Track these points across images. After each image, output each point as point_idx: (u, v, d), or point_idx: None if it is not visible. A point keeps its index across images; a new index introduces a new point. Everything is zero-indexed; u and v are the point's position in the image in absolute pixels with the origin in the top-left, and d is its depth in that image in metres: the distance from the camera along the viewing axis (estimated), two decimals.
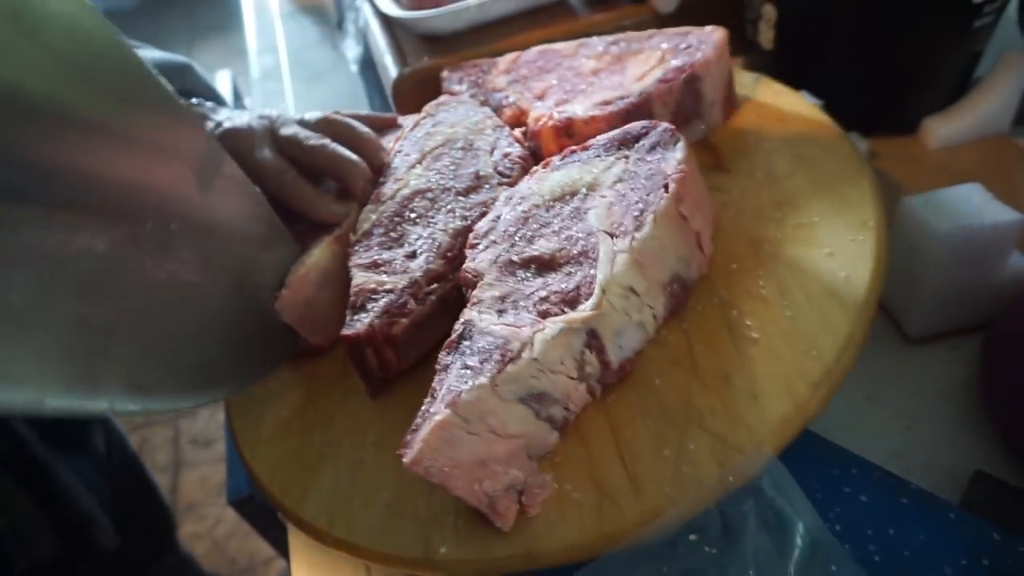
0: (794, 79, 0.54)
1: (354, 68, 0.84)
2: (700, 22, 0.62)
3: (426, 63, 0.65)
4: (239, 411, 0.47)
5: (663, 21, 0.63)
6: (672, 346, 0.39)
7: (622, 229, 0.38)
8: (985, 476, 0.38)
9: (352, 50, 0.82)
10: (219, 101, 0.57)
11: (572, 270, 0.38)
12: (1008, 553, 0.34)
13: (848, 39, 0.54)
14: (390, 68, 0.66)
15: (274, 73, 0.93)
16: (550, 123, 0.50)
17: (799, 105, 0.49)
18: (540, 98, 0.53)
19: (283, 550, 0.53)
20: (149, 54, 0.56)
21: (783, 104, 0.50)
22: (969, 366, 0.43)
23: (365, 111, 0.58)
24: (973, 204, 0.40)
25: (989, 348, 0.41)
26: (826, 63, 0.56)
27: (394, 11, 0.68)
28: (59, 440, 0.62)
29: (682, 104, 0.49)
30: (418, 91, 0.64)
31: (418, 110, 0.60)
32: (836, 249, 0.40)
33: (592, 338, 0.36)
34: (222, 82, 1.03)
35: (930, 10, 0.50)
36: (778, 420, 0.34)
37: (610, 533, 0.33)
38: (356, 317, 0.42)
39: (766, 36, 0.57)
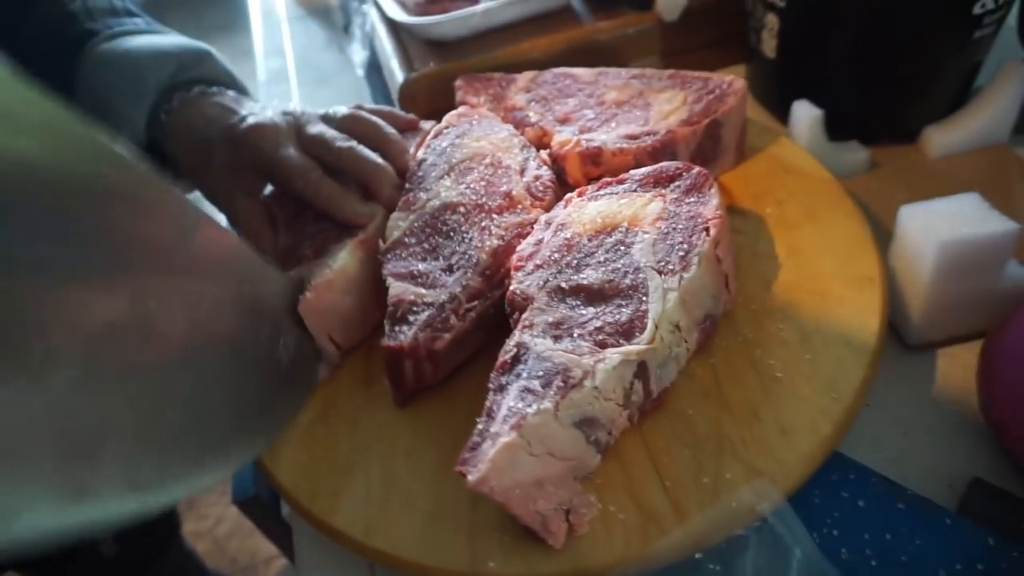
0: (795, 87, 0.58)
1: (360, 72, 0.84)
2: (703, 31, 0.66)
3: (432, 68, 0.65)
4: None
5: (666, 28, 0.65)
6: (701, 379, 0.42)
7: (669, 267, 0.41)
8: (982, 483, 0.39)
9: (359, 54, 0.82)
10: (240, 90, 0.56)
11: (623, 303, 0.40)
12: (1003, 558, 0.35)
13: (849, 49, 0.55)
14: (396, 73, 0.65)
15: (281, 76, 0.92)
16: (577, 150, 0.52)
17: (802, 158, 0.54)
18: (563, 122, 0.55)
19: (287, 550, 0.52)
20: (168, 40, 0.54)
21: (787, 155, 0.54)
22: (967, 374, 0.43)
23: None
24: (971, 214, 0.41)
25: (987, 356, 0.41)
26: (827, 72, 0.57)
27: (401, 16, 0.68)
28: None
29: (702, 146, 0.52)
30: (424, 96, 0.65)
31: (424, 115, 0.60)
32: (846, 299, 0.44)
33: (641, 369, 0.39)
34: None
35: (931, 21, 0.52)
36: (806, 454, 0.38)
37: (655, 553, 0.36)
38: (398, 329, 0.42)
39: (768, 45, 0.59)
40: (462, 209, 0.48)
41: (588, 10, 0.68)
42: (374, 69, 0.81)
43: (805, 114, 0.56)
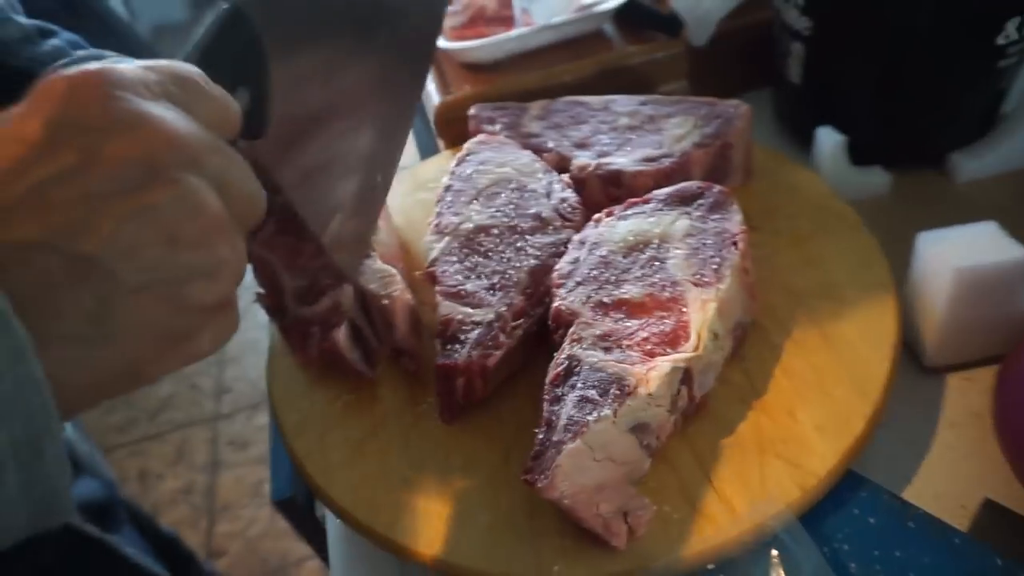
0: (820, 113, 0.60)
1: None
2: (731, 55, 0.69)
3: (468, 91, 0.68)
4: (297, 433, 0.48)
5: (694, 53, 0.68)
6: (737, 385, 0.45)
7: (705, 280, 0.44)
8: (994, 505, 0.40)
9: None
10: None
11: (664, 314, 0.43)
12: None
13: (873, 77, 0.56)
14: (433, 96, 0.68)
15: None
16: (598, 172, 0.55)
17: (803, 174, 0.57)
18: (580, 147, 0.58)
19: (321, 550, 0.54)
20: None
21: (787, 173, 0.58)
22: (983, 397, 0.44)
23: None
24: (987, 242, 0.42)
25: (1003, 381, 0.42)
26: (852, 99, 0.59)
27: (438, 41, 0.70)
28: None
29: (714, 167, 0.55)
30: (461, 119, 0.66)
31: (460, 137, 0.62)
32: (861, 303, 0.47)
33: (687, 376, 0.41)
34: None
35: (953, 51, 0.53)
36: (844, 449, 0.40)
37: (712, 548, 0.38)
38: (451, 348, 0.44)
39: (794, 71, 0.61)
40: (495, 231, 0.51)
41: (619, 35, 0.70)
42: None
43: (828, 140, 0.58)
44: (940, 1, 0.52)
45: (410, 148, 0.79)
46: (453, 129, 0.67)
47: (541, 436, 0.39)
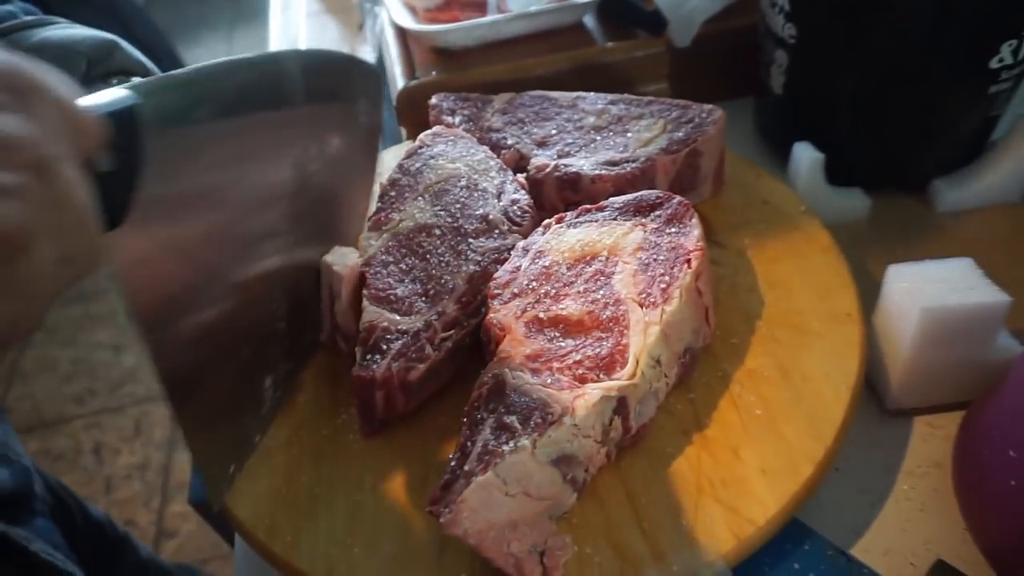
0: (800, 127, 0.56)
1: None
2: (714, 59, 0.65)
3: (433, 78, 0.64)
4: None
5: (676, 54, 0.64)
6: (680, 415, 0.41)
7: (651, 300, 0.40)
8: (946, 567, 0.37)
9: (369, 56, 0.80)
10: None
11: (603, 335, 0.39)
12: None
13: (858, 93, 0.53)
14: (397, 79, 0.64)
15: None
16: (555, 174, 0.51)
17: (779, 190, 0.53)
18: (541, 146, 0.54)
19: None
20: (72, 32, 0.49)
21: (764, 186, 0.54)
22: (946, 445, 0.42)
23: None
24: (961, 280, 0.39)
25: (964, 432, 0.40)
26: (834, 114, 0.55)
27: (407, 22, 0.66)
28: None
29: (681, 175, 0.51)
30: (424, 105, 0.62)
31: (423, 125, 0.58)
32: (825, 334, 0.44)
33: (621, 405, 0.37)
34: None
35: (944, 72, 0.50)
36: (788, 496, 0.37)
37: None
38: (371, 358, 0.40)
39: (776, 80, 0.57)
40: (437, 232, 0.47)
41: (600, 30, 0.67)
42: (383, 72, 0.78)
43: (805, 156, 0.54)
44: (933, 19, 0.48)
45: None
46: (416, 116, 0.63)
47: (453, 463, 0.36)
